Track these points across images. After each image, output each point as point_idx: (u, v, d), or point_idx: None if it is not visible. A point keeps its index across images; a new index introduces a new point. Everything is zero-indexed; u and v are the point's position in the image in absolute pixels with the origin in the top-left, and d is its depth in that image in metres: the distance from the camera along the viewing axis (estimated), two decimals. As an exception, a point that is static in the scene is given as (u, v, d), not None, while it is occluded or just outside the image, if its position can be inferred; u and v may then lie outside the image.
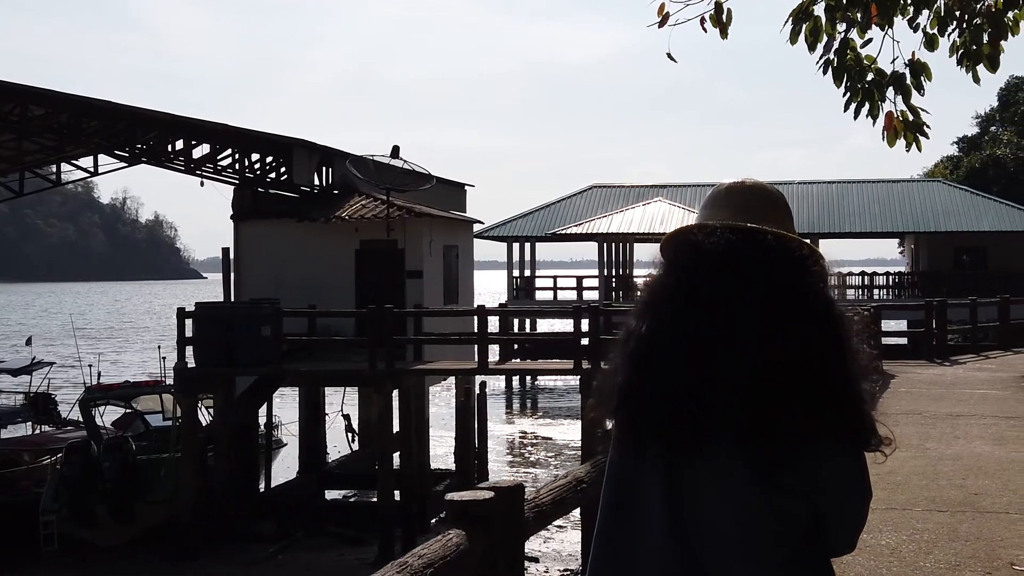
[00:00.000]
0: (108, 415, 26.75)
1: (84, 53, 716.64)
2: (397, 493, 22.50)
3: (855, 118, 6.79)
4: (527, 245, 51.78)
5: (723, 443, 2.08)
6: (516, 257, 51.27)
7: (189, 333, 22.80)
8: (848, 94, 6.79)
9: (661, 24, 6.72)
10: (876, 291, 50.68)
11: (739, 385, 2.06)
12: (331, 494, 26.85)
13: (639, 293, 2.28)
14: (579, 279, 51.94)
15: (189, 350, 22.92)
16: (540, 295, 51.07)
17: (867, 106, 6.78)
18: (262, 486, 25.34)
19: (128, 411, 26.13)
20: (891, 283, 51.68)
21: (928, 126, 6.85)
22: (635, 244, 51.98)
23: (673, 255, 2.23)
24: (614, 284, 49.06)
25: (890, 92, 6.75)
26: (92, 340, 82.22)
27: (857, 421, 2.11)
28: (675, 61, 6.96)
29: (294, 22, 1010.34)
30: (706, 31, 6.83)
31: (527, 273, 51.84)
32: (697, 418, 2.08)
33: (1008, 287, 44.82)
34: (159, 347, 28.16)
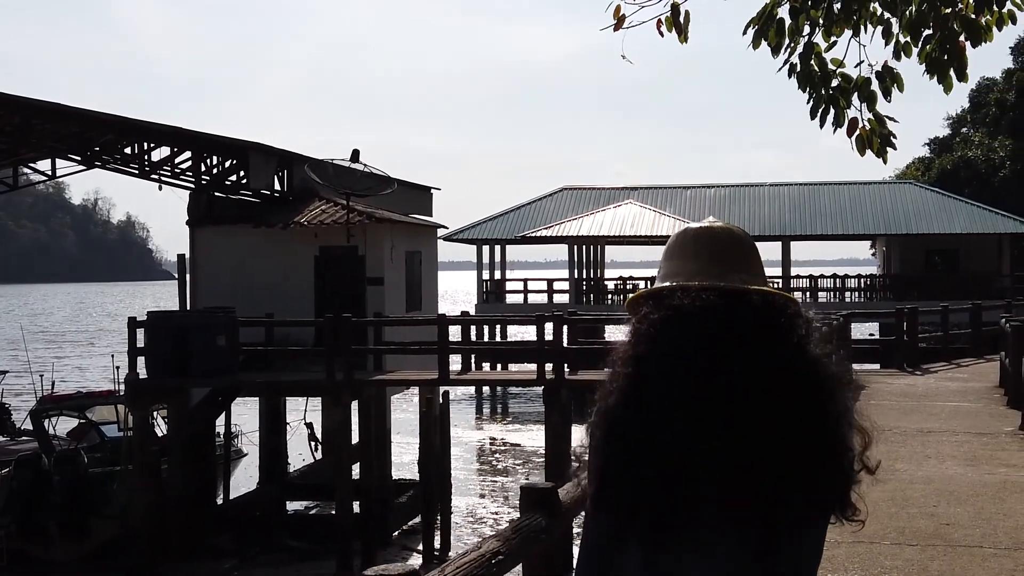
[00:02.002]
0: (63, 424, 26.03)
1: (53, 53, 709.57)
2: (358, 505, 21.97)
3: (820, 126, 6.41)
4: (497, 247, 51.36)
5: (710, 522, 1.99)
6: (487, 259, 50.89)
7: (141, 343, 22.19)
8: (813, 100, 6.39)
9: (617, 27, 6.28)
10: (848, 294, 50.52)
11: (732, 462, 1.96)
12: (293, 505, 26.27)
13: (615, 359, 2.10)
14: (550, 282, 51.53)
15: (142, 360, 22.29)
16: (511, 298, 50.68)
17: (832, 113, 6.40)
18: (220, 498, 24.72)
19: (82, 421, 25.44)
20: (863, 286, 51.52)
21: (895, 136, 6.48)
22: (606, 246, 51.72)
23: (651, 320, 2.08)
24: (585, 287, 48.79)
25: (856, 99, 6.37)
26: (54, 345, 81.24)
27: (846, 497, 2.08)
28: (631, 63, 6.53)
29: (263, 22, 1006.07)
30: (662, 35, 6.39)
31: (498, 275, 51.43)
32: (684, 498, 1.98)
33: (979, 289, 44.82)
34: (112, 356, 27.43)
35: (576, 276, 47.86)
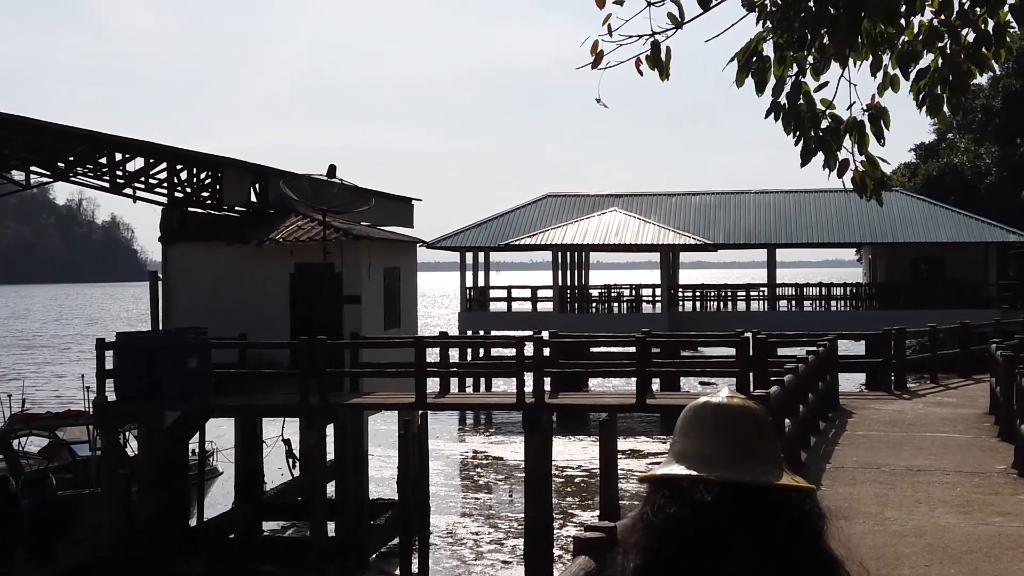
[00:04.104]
0: (36, 440, 25.41)
1: (38, 54, 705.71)
2: (334, 528, 21.47)
3: (802, 165, 6.04)
4: (481, 254, 51.02)
5: None
6: (470, 264, 50.58)
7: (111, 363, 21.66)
8: (801, 141, 6.00)
9: (595, 65, 5.85)
10: (834, 303, 50.17)
11: None
12: (269, 525, 25.71)
13: (625, 547, 2.08)
14: (534, 290, 51.12)
15: (111, 382, 21.75)
16: (494, 306, 50.30)
17: (822, 155, 6.04)
18: (194, 519, 24.15)
19: (53, 441, 24.83)
20: (849, 294, 51.21)
21: (889, 178, 6.15)
22: (590, 254, 51.32)
23: (667, 514, 2.04)
24: (569, 296, 48.43)
25: (847, 141, 6.01)
26: (31, 351, 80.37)
27: None
28: (606, 107, 6.12)
29: (246, 22, 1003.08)
30: (641, 74, 5.97)
31: (481, 282, 51.09)
32: None
33: (965, 297, 44.62)
34: (83, 376, 26.83)
35: (560, 284, 47.46)
